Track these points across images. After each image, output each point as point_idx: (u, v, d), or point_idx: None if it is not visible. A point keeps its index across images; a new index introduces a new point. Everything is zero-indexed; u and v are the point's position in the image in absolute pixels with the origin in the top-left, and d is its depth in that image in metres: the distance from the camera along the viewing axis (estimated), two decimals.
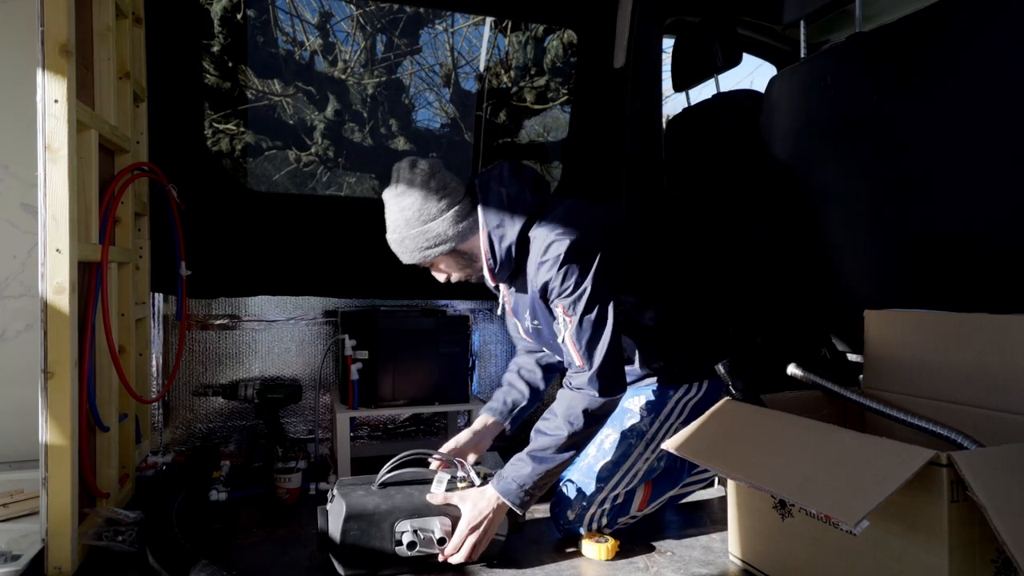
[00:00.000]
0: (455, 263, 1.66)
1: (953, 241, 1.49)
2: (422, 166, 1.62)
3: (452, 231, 1.60)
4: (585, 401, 1.54)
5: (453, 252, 1.63)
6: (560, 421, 1.55)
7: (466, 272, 1.68)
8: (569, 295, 1.53)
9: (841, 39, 1.93)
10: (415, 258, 1.64)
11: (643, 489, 1.73)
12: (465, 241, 1.62)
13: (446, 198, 1.59)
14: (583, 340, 1.54)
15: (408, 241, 1.62)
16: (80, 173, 1.54)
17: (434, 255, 1.62)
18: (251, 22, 4.47)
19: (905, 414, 1.43)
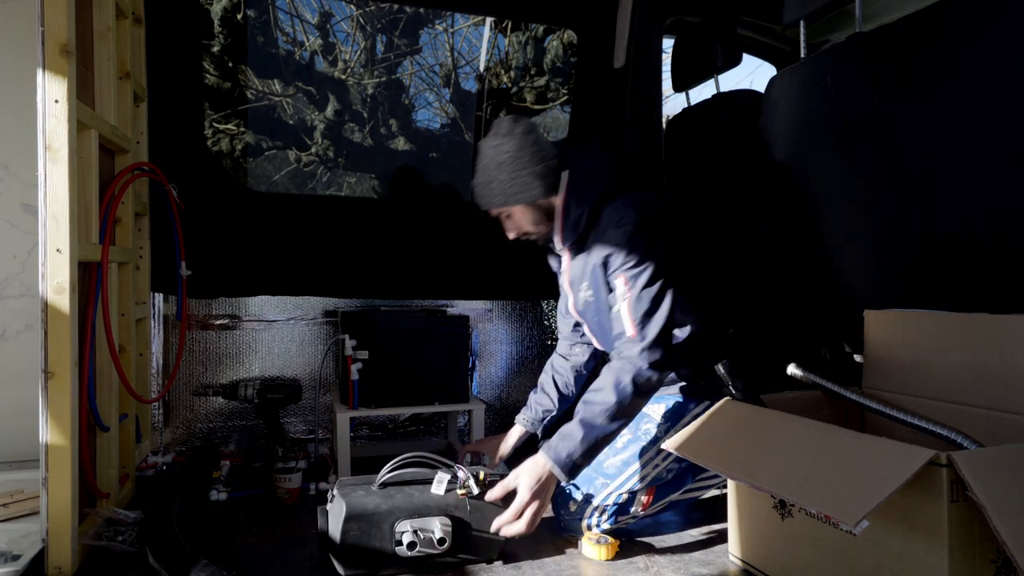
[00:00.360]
0: (530, 217, 1.76)
1: (953, 241, 1.49)
2: (523, 122, 1.77)
3: (538, 184, 1.71)
4: (633, 371, 1.58)
5: (533, 205, 1.74)
6: (608, 390, 1.58)
7: (537, 229, 1.79)
8: (631, 268, 1.62)
9: (841, 39, 1.93)
10: (497, 203, 1.75)
11: (646, 492, 1.73)
12: (546, 197, 1.74)
13: (539, 153, 1.72)
14: (639, 312, 1.61)
15: (495, 185, 1.72)
16: (80, 173, 1.54)
17: (516, 201, 1.73)
18: (251, 22, 4.47)
19: (905, 414, 1.43)
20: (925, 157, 1.52)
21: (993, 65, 1.37)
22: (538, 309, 2.83)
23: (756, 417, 1.44)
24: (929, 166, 1.52)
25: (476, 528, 1.50)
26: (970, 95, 1.41)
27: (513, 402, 2.78)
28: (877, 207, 1.66)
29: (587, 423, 1.56)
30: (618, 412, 1.57)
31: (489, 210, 1.80)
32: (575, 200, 1.73)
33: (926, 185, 1.53)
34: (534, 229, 1.79)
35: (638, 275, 1.62)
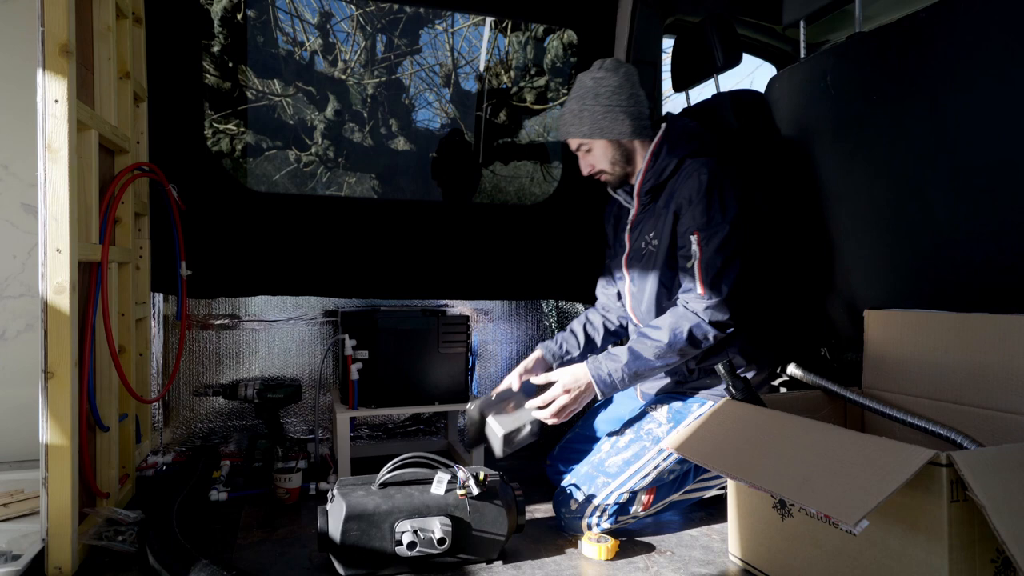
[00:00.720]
0: (610, 155, 1.80)
1: (953, 241, 1.49)
2: (627, 65, 1.81)
3: (628, 123, 1.76)
4: (693, 322, 1.65)
5: (617, 143, 1.79)
6: (665, 331, 1.65)
7: (614, 169, 1.82)
8: (706, 226, 1.66)
9: (841, 39, 1.93)
10: (583, 132, 1.78)
11: (647, 492, 1.74)
12: (630, 140, 1.79)
13: (636, 97, 1.78)
14: (711, 272, 1.66)
15: (587, 113, 1.76)
16: (80, 173, 1.54)
17: (603, 135, 1.77)
18: (251, 22, 4.48)
19: (905, 414, 1.43)
20: (925, 157, 1.52)
21: (993, 65, 1.37)
22: (538, 309, 2.83)
23: (756, 417, 1.44)
24: (929, 166, 1.52)
25: (476, 528, 1.50)
26: (970, 95, 1.41)
27: None
28: (877, 207, 1.66)
29: (635, 353, 1.66)
30: (666, 353, 1.65)
31: (570, 139, 1.82)
32: (667, 147, 1.77)
33: (926, 185, 1.53)
34: (610, 168, 1.83)
35: (712, 235, 1.66)
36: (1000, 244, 1.39)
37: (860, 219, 1.71)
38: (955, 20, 1.43)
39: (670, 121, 1.83)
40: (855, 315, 1.74)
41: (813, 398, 1.70)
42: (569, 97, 1.83)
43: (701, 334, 1.66)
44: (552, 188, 3.00)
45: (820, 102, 1.78)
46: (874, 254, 1.69)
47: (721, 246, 1.66)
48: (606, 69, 1.79)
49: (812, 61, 1.81)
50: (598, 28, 2.71)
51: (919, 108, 1.52)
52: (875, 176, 1.65)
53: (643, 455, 1.71)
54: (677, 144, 1.78)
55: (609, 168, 1.83)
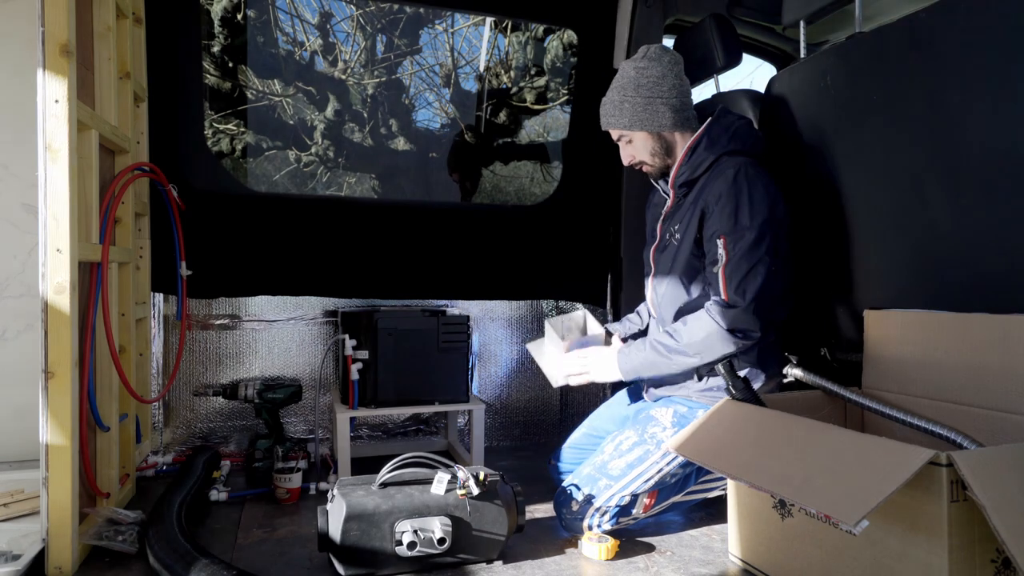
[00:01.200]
0: (651, 146, 1.80)
1: (953, 241, 1.49)
2: (672, 53, 1.80)
3: (669, 116, 1.75)
4: (713, 327, 1.65)
5: (657, 135, 1.78)
6: (686, 332, 1.68)
7: (653, 160, 1.82)
8: (732, 231, 1.65)
9: (841, 39, 1.93)
10: (624, 123, 1.77)
11: (649, 494, 1.73)
12: (671, 132, 1.78)
13: (679, 87, 1.77)
14: (735, 278, 1.64)
15: (627, 104, 1.76)
16: (80, 173, 1.54)
17: (643, 127, 1.76)
18: (251, 22, 4.48)
19: (905, 414, 1.43)
20: (925, 157, 1.52)
21: (993, 65, 1.37)
22: (538, 309, 2.83)
23: (756, 417, 1.44)
24: (929, 166, 1.52)
25: (476, 528, 1.50)
26: (970, 95, 1.41)
27: (513, 402, 2.78)
28: (877, 207, 1.66)
29: (656, 348, 1.72)
30: (681, 353, 1.69)
31: (611, 130, 1.82)
32: (706, 142, 1.75)
33: (926, 185, 1.53)
34: (650, 160, 1.82)
35: (739, 238, 1.64)
36: (1000, 244, 1.39)
37: (860, 219, 1.71)
38: (955, 20, 1.43)
39: (717, 116, 1.79)
40: (855, 315, 1.74)
41: (813, 398, 1.69)
42: (611, 86, 1.82)
43: (721, 337, 1.64)
44: (552, 188, 3.00)
45: (820, 102, 1.78)
46: (874, 254, 1.69)
47: (748, 252, 1.64)
48: (649, 58, 1.77)
49: (812, 61, 1.81)
50: (598, 28, 2.71)
51: (919, 108, 1.52)
52: (875, 176, 1.65)
53: (646, 459, 1.71)
54: (717, 141, 1.75)
55: (650, 159, 1.82)
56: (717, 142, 1.75)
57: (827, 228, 1.80)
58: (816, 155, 1.81)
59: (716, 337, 1.65)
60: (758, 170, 1.71)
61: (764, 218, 1.65)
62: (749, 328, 1.64)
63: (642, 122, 1.76)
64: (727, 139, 1.75)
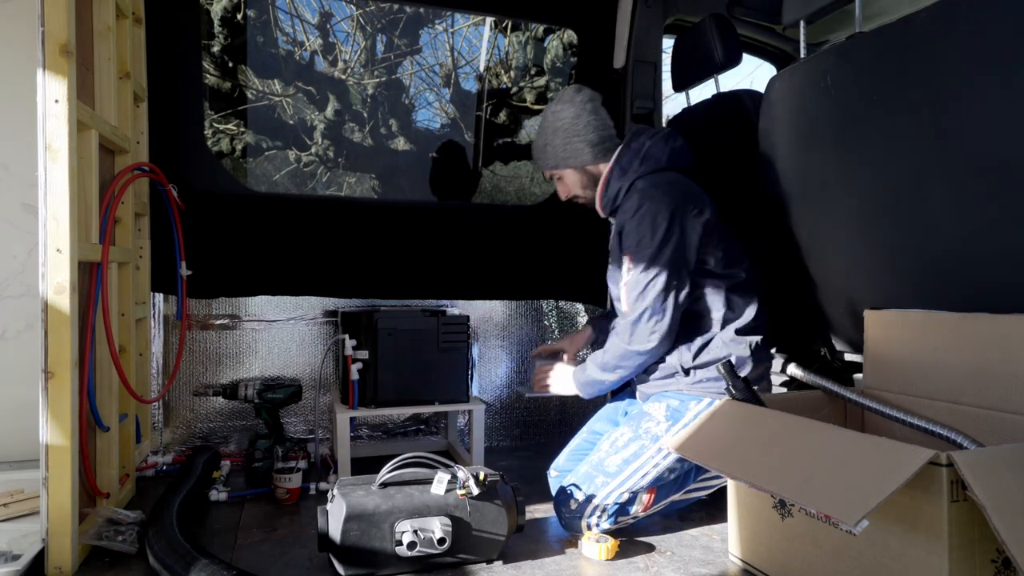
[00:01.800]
0: (579, 181, 1.93)
1: (953, 240, 1.49)
2: (585, 91, 1.90)
3: (588, 151, 1.87)
4: (617, 343, 1.79)
5: (582, 170, 1.91)
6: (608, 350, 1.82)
7: (585, 193, 1.95)
8: (635, 247, 1.75)
9: (841, 39, 1.93)
10: (549, 164, 1.93)
11: (647, 492, 1.73)
12: (595, 164, 1.90)
13: (595, 123, 1.88)
14: (634, 290, 1.75)
15: (550, 148, 1.90)
16: (80, 173, 1.54)
17: (567, 165, 1.90)
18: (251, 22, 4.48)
19: (905, 414, 1.43)
20: (925, 157, 1.52)
21: (993, 65, 1.37)
22: (538, 309, 2.83)
23: (756, 417, 1.44)
24: (929, 166, 1.52)
25: (476, 528, 1.50)
26: (970, 95, 1.41)
27: (513, 402, 2.78)
28: (877, 207, 1.66)
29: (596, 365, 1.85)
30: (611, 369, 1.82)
31: (544, 171, 1.98)
32: (617, 172, 1.86)
33: (926, 185, 1.53)
34: (582, 193, 1.95)
35: (640, 256, 1.73)
36: (1000, 244, 1.39)
37: (860, 219, 1.71)
38: (955, 20, 1.43)
39: (627, 142, 1.89)
40: (855, 315, 1.74)
41: (813, 398, 1.69)
42: (538, 129, 1.96)
43: (621, 351, 1.78)
44: (552, 188, 2.99)
45: (820, 102, 1.78)
46: (874, 254, 1.69)
47: (647, 266, 1.72)
48: (563, 101, 1.89)
49: (812, 61, 1.81)
50: (598, 28, 2.71)
51: (919, 108, 1.52)
52: (875, 176, 1.65)
53: (642, 454, 1.71)
54: (627, 168, 1.85)
55: (581, 192, 1.95)
56: (627, 169, 1.85)
57: (827, 228, 1.80)
58: (816, 155, 1.81)
59: (618, 351, 1.79)
60: (660, 186, 1.79)
61: (665, 232, 1.72)
62: (641, 343, 1.75)
63: (564, 160, 1.90)
64: (637, 163, 1.84)
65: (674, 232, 1.73)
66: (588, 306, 2.85)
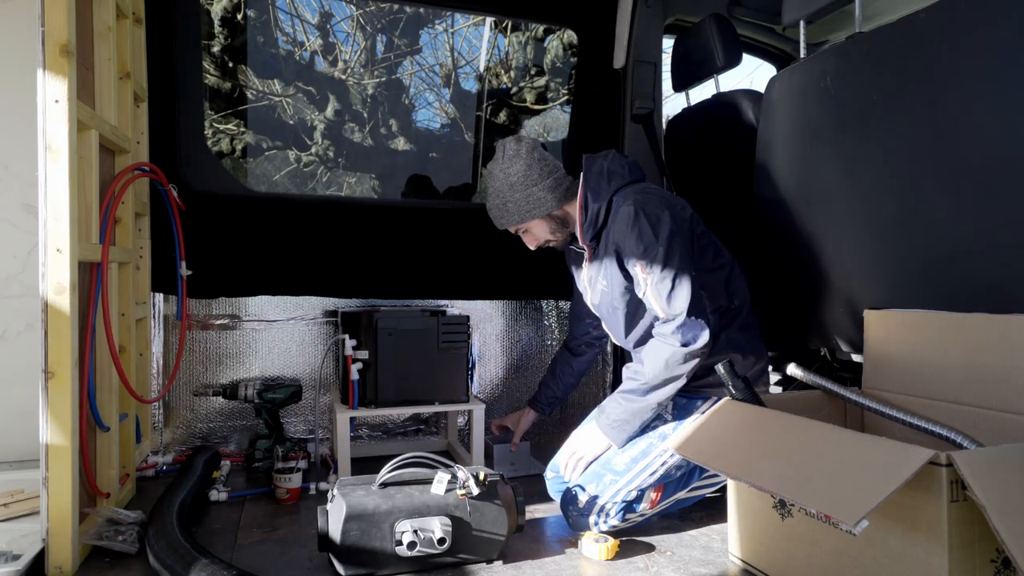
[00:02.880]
0: (548, 227, 1.88)
1: (953, 240, 1.49)
2: (526, 140, 1.85)
3: (550, 197, 1.82)
4: (667, 351, 1.67)
5: (548, 217, 1.85)
6: (647, 367, 1.70)
7: (556, 236, 1.90)
8: (644, 254, 1.71)
9: (841, 39, 1.93)
10: (515, 221, 1.85)
11: (655, 489, 1.73)
12: (560, 207, 1.85)
13: (547, 168, 1.83)
14: (663, 293, 1.68)
15: (511, 205, 1.83)
16: (80, 173, 1.54)
17: (533, 217, 1.83)
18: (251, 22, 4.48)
19: (905, 414, 1.43)
20: (925, 157, 1.52)
21: (994, 65, 1.37)
22: (538, 309, 2.83)
23: (756, 417, 1.44)
24: (929, 166, 1.52)
25: (476, 528, 1.50)
26: (970, 95, 1.41)
27: (513, 402, 2.78)
28: (877, 207, 1.66)
29: (628, 399, 1.72)
30: (649, 388, 1.69)
31: (508, 228, 1.90)
32: (591, 197, 1.82)
33: (926, 185, 1.53)
34: (552, 237, 1.89)
35: (652, 258, 1.69)
36: (1000, 244, 1.39)
37: (860, 219, 1.71)
38: (955, 20, 1.43)
39: (586, 169, 1.86)
40: (855, 315, 1.74)
41: (813, 398, 1.70)
42: (488, 192, 1.88)
43: (678, 356, 1.67)
44: None
45: (820, 102, 1.78)
46: (874, 254, 1.69)
47: (664, 266, 1.69)
48: (509, 157, 1.82)
49: (812, 61, 1.81)
50: (598, 28, 2.71)
51: (919, 108, 1.52)
52: (875, 176, 1.65)
53: (650, 452, 1.71)
54: (599, 190, 1.82)
55: (553, 237, 1.89)
56: (599, 191, 1.82)
57: (827, 228, 1.80)
58: (816, 155, 1.81)
59: (674, 358, 1.67)
60: (642, 192, 1.78)
61: (670, 229, 1.70)
62: (696, 334, 1.67)
63: (531, 212, 1.83)
64: (606, 183, 1.82)
65: (677, 229, 1.72)
66: None
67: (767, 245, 2.04)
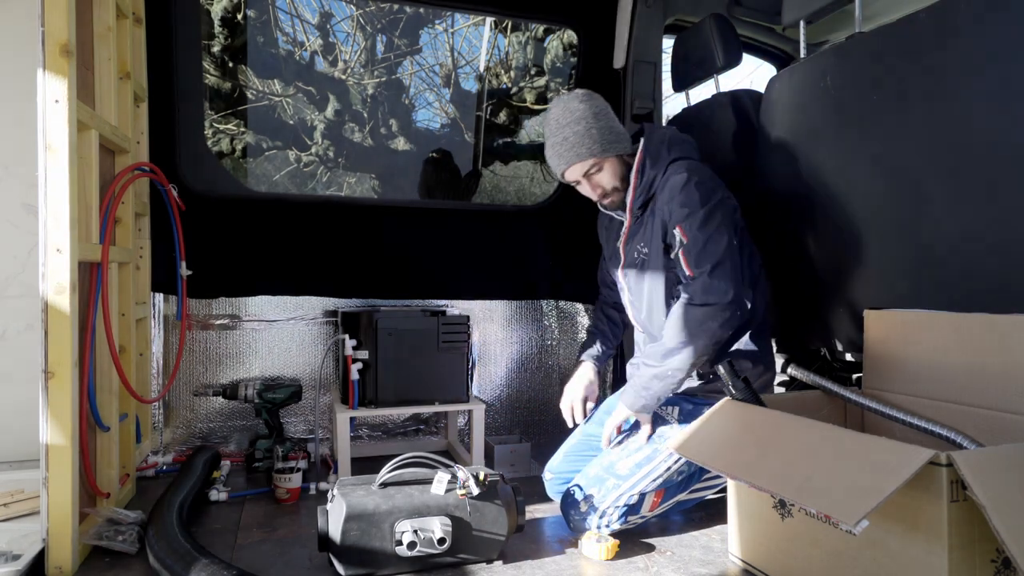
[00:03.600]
0: (618, 171, 1.80)
1: (953, 240, 1.49)
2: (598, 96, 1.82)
3: (626, 137, 1.81)
4: (682, 310, 1.66)
5: (621, 159, 1.80)
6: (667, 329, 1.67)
7: (623, 184, 1.82)
8: (687, 217, 1.68)
9: (841, 39, 1.93)
10: (596, 151, 1.75)
11: (656, 493, 1.73)
12: (629, 153, 1.81)
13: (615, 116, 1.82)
14: (694, 252, 1.67)
15: (595, 131, 1.73)
16: (80, 173, 1.54)
17: (614, 150, 1.77)
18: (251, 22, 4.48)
19: (905, 414, 1.43)
20: (925, 157, 1.52)
21: (993, 65, 1.37)
22: (538, 309, 2.83)
23: (756, 417, 1.44)
24: (929, 166, 1.52)
25: (476, 528, 1.50)
26: (970, 95, 1.41)
27: (513, 402, 2.78)
28: (877, 206, 1.66)
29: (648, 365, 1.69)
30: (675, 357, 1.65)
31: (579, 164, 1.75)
32: (649, 162, 1.79)
33: (926, 185, 1.53)
34: (620, 186, 1.81)
35: (692, 222, 1.68)
36: (1000, 244, 1.39)
37: (860, 219, 1.71)
38: (955, 20, 1.43)
39: (648, 135, 1.83)
40: (855, 315, 1.74)
41: (813, 398, 1.69)
42: (559, 125, 1.75)
43: (702, 319, 1.62)
44: (552, 188, 3.00)
45: (820, 102, 1.78)
46: (874, 254, 1.69)
47: (701, 226, 1.67)
48: (587, 94, 1.79)
49: (812, 61, 1.81)
50: (598, 28, 2.71)
51: (919, 108, 1.52)
52: (875, 176, 1.65)
53: (655, 457, 1.70)
54: (658, 156, 1.80)
55: (619, 185, 1.81)
56: (659, 157, 1.80)
57: (827, 228, 1.80)
58: (816, 155, 1.81)
59: (694, 318, 1.62)
60: (702, 169, 1.77)
61: (715, 201, 1.69)
62: (720, 294, 1.63)
63: (612, 146, 1.75)
64: (666, 150, 1.80)
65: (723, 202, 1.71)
66: (588, 306, 2.85)
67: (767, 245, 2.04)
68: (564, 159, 1.75)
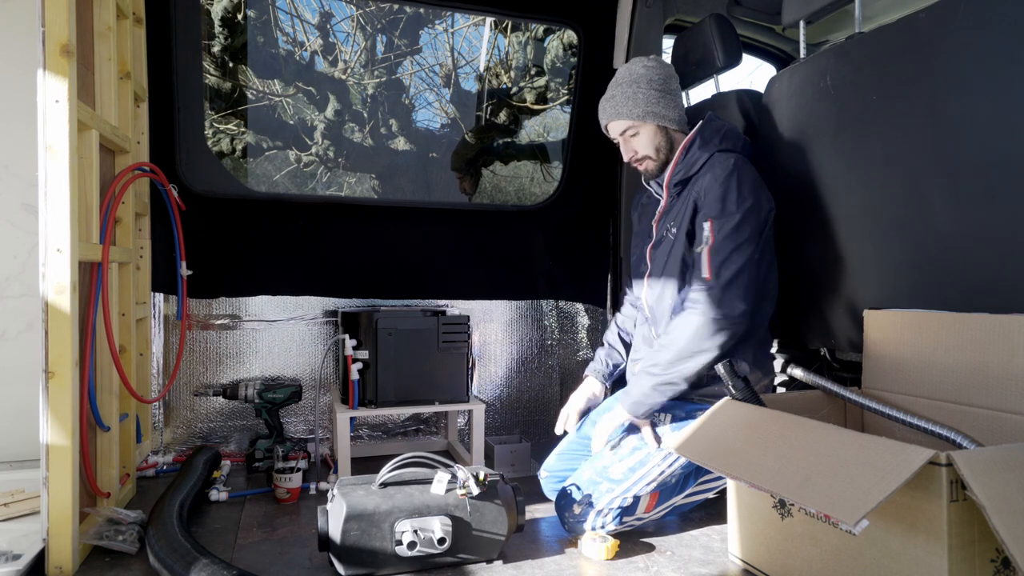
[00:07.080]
0: (656, 140, 1.84)
1: (953, 240, 1.49)
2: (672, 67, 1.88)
3: (676, 112, 1.84)
4: (696, 319, 1.66)
5: (664, 129, 1.84)
6: (674, 336, 1.69)
7: (658, 155, 1.85)
8: (720, 214, 1.69)
9: (841, 39, 1.93)
10: (636, 114, 1.80)
11: (650, 495, 1.73)
12: (675, 127, 1.85)
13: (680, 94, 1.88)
14: (717, 259, 1.67)
15: (641, 95, 1.80)
16: (81, 173, 1.54)
17: (655, 119, 1.81)
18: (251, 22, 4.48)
19: (905, 414, 1.43)
20: (925, 157, 1.52)
21: (994, 65, 1.37)
22: (538, 309, 2.83)
23: (756, 417, 1.44)
24: (929, 166, 1.52)
25: (476, 528, 1.50)
26: (970, 95, 1.41)
27: (513, 402, 2.78)
28: (877, 207, 1.66)
29: (651, 373, 1.69)
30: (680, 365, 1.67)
31: (618, 121, 1.84)
32: (699, 142, 1.80)
33: (926, 185, 1.53)
34: (653, 155, 1.85)
35: (725, 223, 1.68)
36: (1000, 244, 1.39)
37: (860, 219, 1.71)
38: (955, 20, 1.43)
39: (708, 119, 1.85)
40: (855, 315, 1.74)
41: (813, 398, 1.69)
42: (615, 83, 1.85)
43: (710, 331, 1.64)
44: (552, 188, 3.00)
45: (820, 102, 1.78)
46: (874, 254, 1.69)
47: (731, 234, 1.67)
48: (656, 61, 1.85)
49: (812, 61, 1.81)
50: (598, 28, 2.71)
51: (919, 108, 1.52)
52: (875, 176, 1.65)
53: (648, 462, 1.70)
54: (709, 140, 1.80)
55: (653, 154, 1.85)
56: (710, 142, 1.80)
57: (827, 228, 1.80)
58: (816, 155, 1.81)
59: (704, 328, 1.64)
60: (749, 166, 1.77)
61: (750, 205, 1.69)
62: (731, 308, 1.65)
63: (655, 114, 1.81)
64: (719, 139, 1.81)
65: (757, 208, 1.71)
66: (588, 306, 2.85)
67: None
68: (605, 114, 1.86)
